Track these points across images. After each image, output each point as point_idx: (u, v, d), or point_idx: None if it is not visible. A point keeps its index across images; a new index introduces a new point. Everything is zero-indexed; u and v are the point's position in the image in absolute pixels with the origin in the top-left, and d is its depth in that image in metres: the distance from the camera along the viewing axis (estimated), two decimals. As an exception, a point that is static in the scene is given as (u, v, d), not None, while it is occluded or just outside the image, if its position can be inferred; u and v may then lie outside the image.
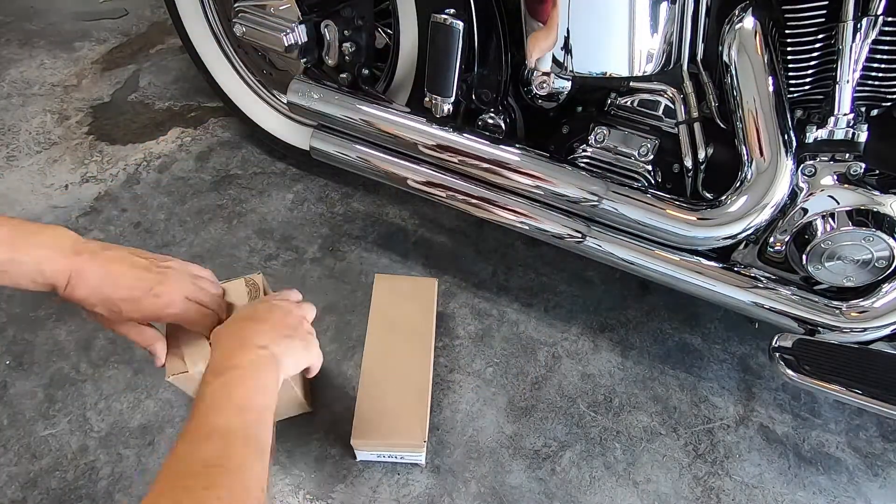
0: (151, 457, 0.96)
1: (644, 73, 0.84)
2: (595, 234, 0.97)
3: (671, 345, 1.12)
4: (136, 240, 1.27)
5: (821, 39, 0.75)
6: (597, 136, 0.98)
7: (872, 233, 0.78)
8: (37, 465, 0.95)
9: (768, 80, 0.78)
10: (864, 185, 0.79)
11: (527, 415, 1.02)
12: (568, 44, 0.84)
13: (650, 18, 0.79)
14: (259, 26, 1.10)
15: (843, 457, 0.98)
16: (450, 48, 0.94)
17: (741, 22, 0.78)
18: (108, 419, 1.00)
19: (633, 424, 1.01)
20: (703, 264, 0.93)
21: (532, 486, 0.94)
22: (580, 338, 1.13)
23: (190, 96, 1.61)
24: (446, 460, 0.96)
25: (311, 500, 0.92)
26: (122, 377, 1.05)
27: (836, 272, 0.83)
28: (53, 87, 1.65)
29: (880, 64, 0.74)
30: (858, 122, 0.78)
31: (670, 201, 0.88)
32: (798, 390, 1.06)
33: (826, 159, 0.80)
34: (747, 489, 0.94)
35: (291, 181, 1.40)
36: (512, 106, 1.06)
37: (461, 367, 1.07)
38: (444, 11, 0.93)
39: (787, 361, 0.85)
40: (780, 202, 0.81)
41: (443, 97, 0.99)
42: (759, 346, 1.12)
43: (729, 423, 1.02)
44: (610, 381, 1.07)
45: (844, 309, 0.85)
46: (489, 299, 1.18)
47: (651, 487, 0.94)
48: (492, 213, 1.03)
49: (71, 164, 1.42)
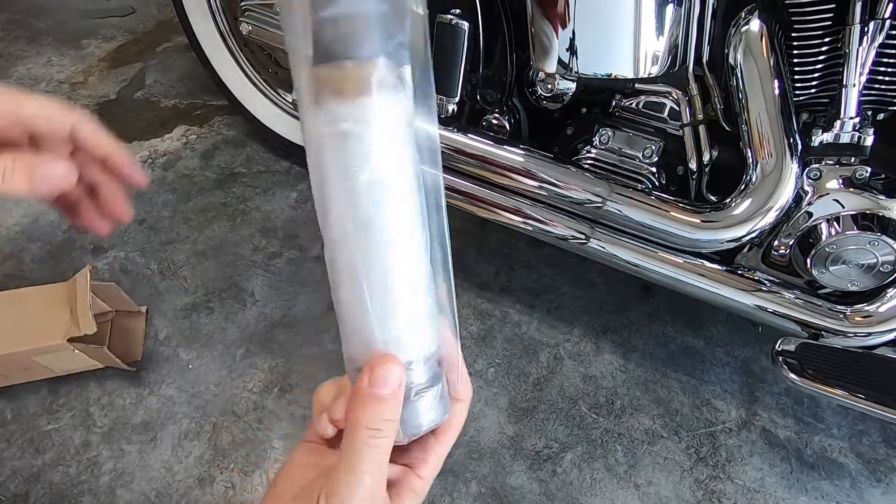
0: (153, 453, 0.96)
1: (649, 74, 0.84)
2: (599, 235, 0.97)
3: (673, 347, 1.12)
4: (140, 236, 1.27)
5: (827, 43, 0.75)
6: (601, 137, 0.98)
7: (877, 237, 0.77)
8: (40, 459, 0.95)
9: (774, 83, 0.78)
10: (869, 189, 0.79)
11: (528, 416, 1.02)
12: (573, 45, 0.84)
13: (656, 20, 0.79)
14: (265, 25, 1.10)
15: (846, 462, 0.98)
16: (455, 48, 0.94)
17: (747, 24, 0.78)
18: (110, 415, 1.00)
19: (634, 427, 1.01)
20: (707, 267, 0.92)
21: (533, 487, 0.93)
22: (582, 339, 1.13)
23: (195, 94, 1.61)
24: (447, 460, 0.96)
25: (311, 498, 0.92)
26: (125, 373, 1.05)
27: (840, 276, 0.83)
28: (60, 83, 1.65)
29: (887, 68, 0.73)
30: (864, 125, 0.77)
31: (674, 203, 0.88)
32: (801, 394, 1.05)
33: (831, 163, 0.80)
34: (749, 493, 0.94)
35: (295, 179, 1.40)
36: (516, 106, 1.06)
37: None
38: (450, 12, 0.93)
39: (790, 365, 0.84)
40: (784, 205, 0.81)
41: (448, 97, 0.99)
42: (762, 350, 1.11)
43: (731, 426, 1.02)
44: (612, 382, 1.06)
45: (848, 313, 0.85)
46: (492, 300, 1.18)
47: (652, 490, 0.94)
48: (495, 214, 1.03)
49: (77, 161, 1.43)
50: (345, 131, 0.29)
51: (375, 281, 0.30)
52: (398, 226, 0.31)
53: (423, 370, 0.32)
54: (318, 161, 0.30)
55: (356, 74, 0.29)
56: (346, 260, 0.31)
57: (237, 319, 1.14)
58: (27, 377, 1.03)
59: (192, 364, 1.08)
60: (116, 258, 1.24)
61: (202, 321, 1.14)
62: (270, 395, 1.04)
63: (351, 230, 0.30)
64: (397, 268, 0.31)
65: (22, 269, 1.22)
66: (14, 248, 1.25)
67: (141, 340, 1.11)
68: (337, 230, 0.31)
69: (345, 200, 0.30)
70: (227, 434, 1.00)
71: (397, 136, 0.30)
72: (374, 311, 0.31)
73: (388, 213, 0.30)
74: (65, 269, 1.21)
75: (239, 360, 1.09)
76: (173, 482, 0.94)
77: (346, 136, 0.29)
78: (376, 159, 0.29)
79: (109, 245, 1.26)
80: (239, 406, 1.03)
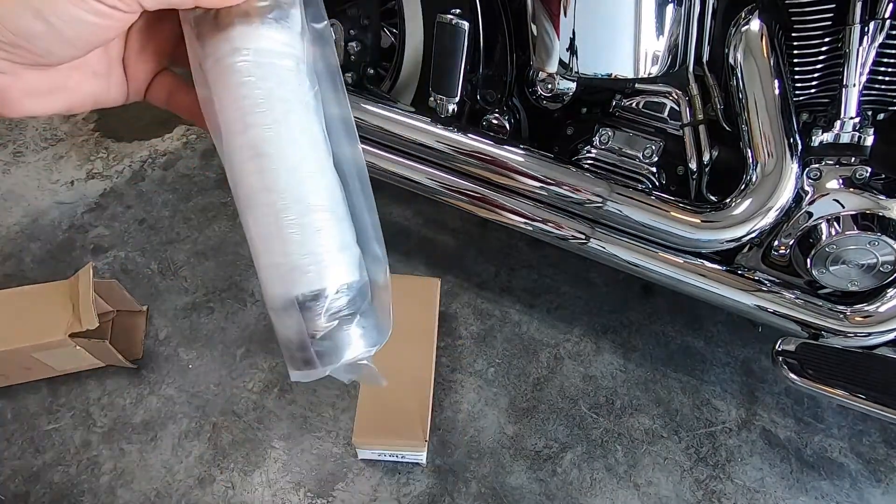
0: (153, 452, 0.96)
1: (649, 74, 0.84)
2: (599, 235, 0.97)
3: (674, 347, 1.12)
4: (140, 236, 1.27)
5: (827, 42, 0.75)
6: (601, 137, 0.98)
7: (878, 237, 0.77)
8: (40, 459, 0.95)
9: (774, 83, 0.78)
10: (869, 189, 0.79)
11: (528, 416, 1.02)
12: (573, 45, 0.84)
13: (656, 20, 0.79)
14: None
15: (846, 462, 0.98)
16: (455, 48, 0.94)
17: (747, 24, 0.78)
18: (110, 415, 1.00)
19: (634, 427, 1.01)
20: (707, 267, 0.92)
21: (533, 486, 0.93)
22: (582, 339, 1.13)
23: (196, 94, 1.61)
24: (447, 460, 0.96)
25: (311, 497, 0.92)
26: (125, 373, 1.05)
27: (840, 276, 0.83)
28: (60, 83, 1.65)
29: (887, 67, 0.73)
30: (864, 125, 0.77)
31: (674, 203, 0.88)
32: (801, 394, 1.05)
33: (832, 163, 0.80)
34: (749, 493, 0.94)
35: (296, 180, 1.40)
36: (516, 106, 1.05)
37: (463, 368, 1.07)
38: (450, 11, 0.93)
39: (790, 365, 0.84)
40: (784, 205, 0.81)
41: (448, 97, 0.99)
42: (763, 350, 1.11)
43: (731, 426, 1.02)
44: (612, 382, 1.06)
45: (849, 313, 0.85)
46: (492, 300, 1.18)
47: (652, 490, 0.94)
48: (495, 214, 1.03)
49: (77, 161, 1.43)
50: (230, 64, 0.30)
51: (278, 205, 0.31)
52: (296, 153, 0.31)
53: (341, 299, 0.32)
54: (209, 96, 0.31)
55: (238, 8, 0.30)
56: (244, 190, 0.31)
57: (237, 319, 1.15)
58: (27, 377, 1.03)
59: (192, 364, 1.08)
60: (116, 258, 1.24)
61: (202, 321, 1.14)
62: (270, 394, 1.04)
63: (247, 159, 0.30)
64: (298, 193, 0.31)
65: (22, 268, 1.22)
66: (14, 248, 1.25)
67: (141, 339, 1.11)
68: (236, 159, 0.31)
69: (239, 132, 0.30)
70: (227, 434, 1.00)
71: (286, 67, 0.31)
72: (278, 239, 0.31)
73: (283, 140, 0.30)
74: (65, 268, 1.21)
75: (239, 359, 1.09)
76: (173, 482, 0.94)
77: (232, 68, 0.30)
78: (261, 89, 0.30)
79: (109, 245, 1.26)
80: (239, 406, 1.03)
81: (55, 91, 0.30)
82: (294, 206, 0.31)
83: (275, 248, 0.31)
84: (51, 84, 0.30)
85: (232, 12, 0.30)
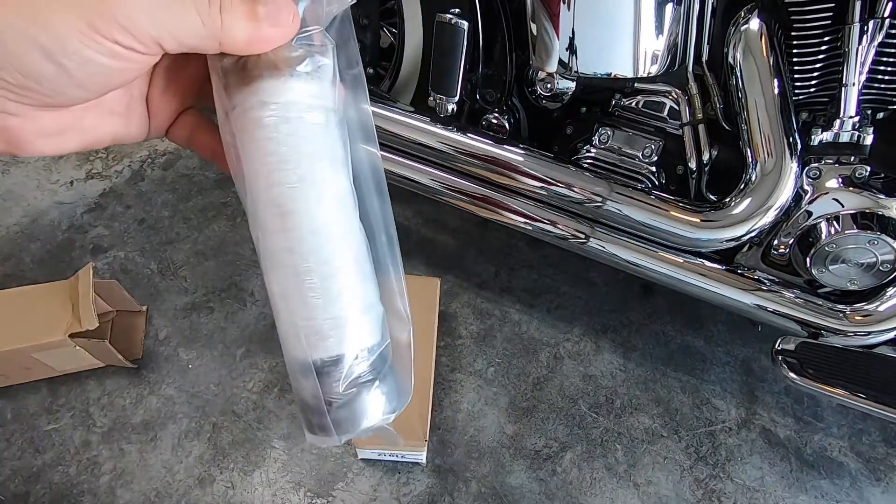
0: (153, 452, 0.96)
1: (649, 74, 0.84)
2: (598, 235, 0.97)
3: (673, 347, 1.12)
4: (140, 236, 1.27)
5: (827, 42, 0.75)
6: (601, 136, 0.98)
7: (877, 236, 0.77)
8: (40, 459, 0.95)
9: (774, 82, 0.78)
10: (869, 188, 0.79)
11: (528, 415, 1.02)
12: (573, 44, 0.84)
13: (655, 19, 0.79)
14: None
15: (846, 461, 0.98)
16: (454, 48, 0.94)
17: (747, 23, 0.78)
18: (110, 415, 1.00)
19: (634, 426, 1.01)
20: (707, 266, 0.93)
21: (533, 486, 0.94)
22: (582, 339, 1.13)
23: (195, 94, 1.61)
24: (447, 460, 0.96)
25: (311, 497, 0.92)
26: (124, 373, 1.05)
27: (840, 275, 0.83)
28: (60, 83, 1.65)
29: (886, 67, 0.73)
30: (864, 124, 0.77)
31: (674, 203, 0.88)
32: (801, 394, 1.05)
33: (831, 162, 0.80)
34: (749, 492, 0.94)
35: (295, 179, 1.40)
36: (516, 106, 1.06)
37: (463, 367, 1.07)
38: (449, 11, 0.93)
39: (790, 364, 0.84)
40: (784, 205, 0.81)
41: (447, 97, 0.99)
42: (762, 349, 1.11)
43: (731, 425, 1.02)
44: (612, 382, 1.07)
45: (848, 312, 0.85)
46: (491, 299, 1.18)
47: (652, 489, 0.94)
48: (495, 213, 1.03)
49: (76, 161, 1.43)
50: (257, 118, 0.28)
51: (301, 268, 0.30)
52: (321, 213, 0.30)
53: (361, 364, 0.31)
54: (234, 147, 0.30)
55: (266, 58, 0.28)
56: (268, 246, 0.30)
57: (237, 319, 1.15)
58: (27, 377, 1.03)
59: (192, 364, 1.08)
60: (116, 258, 1.24)
61: (202, 321, 1.14)
62: (270, 394, 1.04)
63: (272, 217, 0.29)
64: (322, 256, 0.30)
65: (22, 268, 1.22)
66: (14, 248, 1.25)
67: (141, 339, 1.11)
68: (260, 214, 0.30)
69: (263, 188, 0.29)
70: (227, 434, 1.00)
71: (314, 122, 0.29)
72: (302, 301, 0.30)
73: (309, 200, 0.29)
74: (65, 268, 1.21)
75: (239, 359, 1.09)
76: (173, 482, 0.94)
77: (259, 122, 0.28)
78: (288, 146, 0.29)
79: (109, 245, 1.26)
80: (239, 406, 1.03)
81: (69, 131, 0.29)
82: (317, 269, 0.30)
83: (296, 310, 0.30)
84: (65, 124, 0.29)
85: (261, 61, 0.28)
